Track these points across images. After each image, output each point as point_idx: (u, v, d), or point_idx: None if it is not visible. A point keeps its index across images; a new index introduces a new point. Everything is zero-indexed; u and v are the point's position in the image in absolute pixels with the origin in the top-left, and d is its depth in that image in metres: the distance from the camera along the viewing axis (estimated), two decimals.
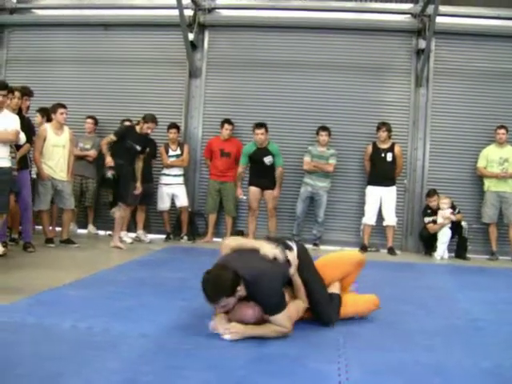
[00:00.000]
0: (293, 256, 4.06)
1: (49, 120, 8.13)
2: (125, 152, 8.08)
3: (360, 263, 4.56)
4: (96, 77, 10.15)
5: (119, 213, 8.13)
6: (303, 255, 4.23)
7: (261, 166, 8.96)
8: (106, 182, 8.16)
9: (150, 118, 8.27)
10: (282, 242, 4.16)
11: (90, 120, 9.59)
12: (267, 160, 8.90)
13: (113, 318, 4.05)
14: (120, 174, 7.99)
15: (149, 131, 8.27)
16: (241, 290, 3.67)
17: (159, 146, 9.43)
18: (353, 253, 4.63)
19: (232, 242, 4.24)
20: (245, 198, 9.13)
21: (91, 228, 9.76)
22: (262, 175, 8.97)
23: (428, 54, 9.32)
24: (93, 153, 9.23)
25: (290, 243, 4.22)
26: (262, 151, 8.94)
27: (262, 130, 8.87)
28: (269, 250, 3.96)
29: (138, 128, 8.26)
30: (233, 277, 3.64)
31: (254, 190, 9.00)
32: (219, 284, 3.60)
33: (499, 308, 5.23)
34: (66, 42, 10.40)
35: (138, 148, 8.22)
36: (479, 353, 3.67)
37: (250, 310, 3.75)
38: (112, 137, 8.19)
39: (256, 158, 8.96)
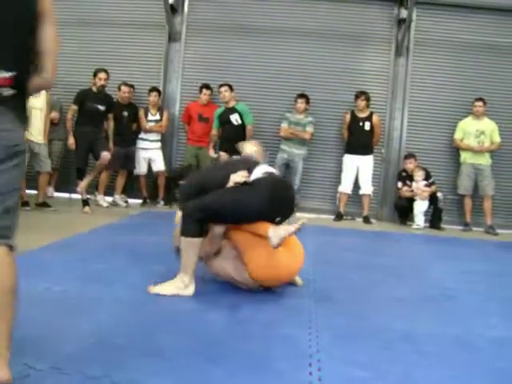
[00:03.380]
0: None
1: None
2: (89, 116, 8.09)
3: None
4: (72, 39, 9.81)
5: (84, 183, 8.15)
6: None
7: (229, 126, 8.94)
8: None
9: (99, 70, 8.27)
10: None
11: None
12: (233, 118, 8.89)
13: (88, 282, 4.06)
14: (89, 141, 8.02)
15: (102, 82, 8.20)
16: None
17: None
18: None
19: None
20: (216, 155, 9.13)
21: (50, 191, 9.47)
22: (232, 138, 8.86)
23: (409, 23, 9.29)
24: (54, 115, 8.77)
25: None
26: (230, 111, 8.96)
27: (225, 88, 8.92)
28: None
29: (93, 88, 8.20)
30: None
31: (223, 154, 9.01)
32: None
33: (471, 278, 5.32)
34: None
35: (101, 107, 8.19)
36: (449, 321, 3.75)
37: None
38: (73, 107, 8.21)
39: (224, 119, 8.97)
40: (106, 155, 8.04)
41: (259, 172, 4.15)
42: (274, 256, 3.92)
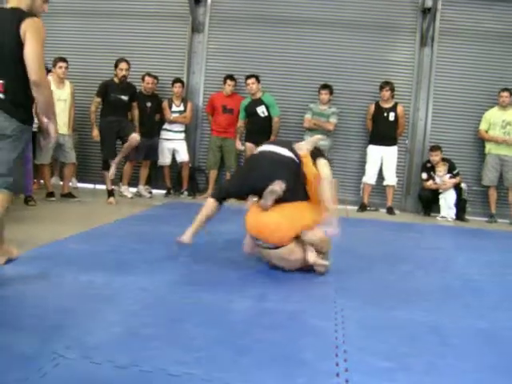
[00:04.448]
0: None
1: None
2: (113, 107, 8.12)
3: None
4: (96, 30, 9.94)
5: (112, 172, 8.14)
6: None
7: (256, 118, 8.97)
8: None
9: (120, 60, 8.25)
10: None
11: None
12: (260, 110, 8.92)
13: (113, 272, 4.10)
14: (116, 130, 8.04)
15: (123, 72, 8.18)
16: None
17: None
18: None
19: None
20: (243, 148, 9.19)
21: (74, 182, 9.53)
22: (258, 130, 8.93)
23: (434, 13, 9.19)
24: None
25: None
26: (256, 102, 8.98)
27: (253, 80, 8.93)
28: None
29: (115, 79, 8.25)
30: None
31: (249, 146, 9.00)
32: None
33: (495, 270, 5.28)
34: None
35: (124, 98, 8.22)
36: (475, 313, 3.73)
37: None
38: (96, 99, 8.24)
39: (251, 111, 8.99)
40: (134, 137, 7.91)
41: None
42: (263, 213, 4.43)
